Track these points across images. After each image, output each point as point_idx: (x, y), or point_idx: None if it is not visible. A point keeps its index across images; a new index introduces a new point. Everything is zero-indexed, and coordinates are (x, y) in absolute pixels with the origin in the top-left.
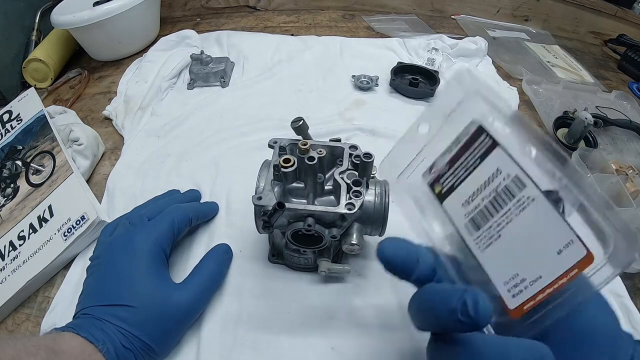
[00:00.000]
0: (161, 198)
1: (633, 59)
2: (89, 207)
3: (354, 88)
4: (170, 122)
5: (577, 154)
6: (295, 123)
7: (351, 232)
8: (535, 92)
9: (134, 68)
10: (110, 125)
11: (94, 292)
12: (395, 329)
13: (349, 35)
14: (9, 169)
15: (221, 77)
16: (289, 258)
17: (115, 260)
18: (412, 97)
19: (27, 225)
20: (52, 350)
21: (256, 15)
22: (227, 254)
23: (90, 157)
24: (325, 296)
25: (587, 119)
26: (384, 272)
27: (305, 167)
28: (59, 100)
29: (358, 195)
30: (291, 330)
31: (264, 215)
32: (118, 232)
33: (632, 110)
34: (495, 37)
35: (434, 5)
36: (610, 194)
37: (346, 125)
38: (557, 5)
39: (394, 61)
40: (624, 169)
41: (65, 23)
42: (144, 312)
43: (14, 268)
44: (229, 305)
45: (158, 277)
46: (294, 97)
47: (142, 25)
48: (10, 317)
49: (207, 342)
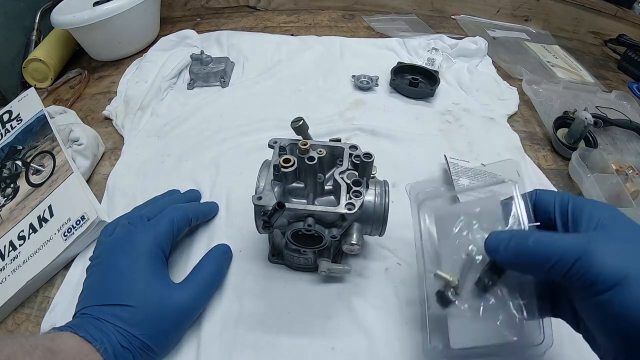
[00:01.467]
0: (161, 198)
1: (633, 59)
2: (89, 207)
3: (354, 88)
4: (170, 122)
5: (577, 154)
6: (295, 123)
7: (351, 232)
8: (535, 92)
9: (134, 68)
10: (110, 125)
11: (93, 292)
12: (395, 329)
13: (349, 35)
14: (9, 169)
15: (221, 77)
16: (289, 258)
17: (114, 260)
18: (412, 97)
19: (27, 225)
20: (50, 349)
21: (256, 15)
22: (227, 254)
23: (90, 157)
24: (325, 296)
25: (587, 119)
26: (384, 272)
27: (305, 167)
28: (59, 100)
29: (358, 195)
30: (291, 330)
31: (264, 215)
32: (118, 232)
33: (632, 110)
34: (495, 37)
35: (434, 5)
36: (610, 194)
37: (346, 125)
38: (557, 5)
39: (394, 61)
40: (624, 169)
41: (65, 23)
42: (143, 312)
43: (14, 268)
44: (229, 305)
45: (157, 277)
46: (294, 97)
47: (142, 25)
48: (10, 317)
49: (207, 342)
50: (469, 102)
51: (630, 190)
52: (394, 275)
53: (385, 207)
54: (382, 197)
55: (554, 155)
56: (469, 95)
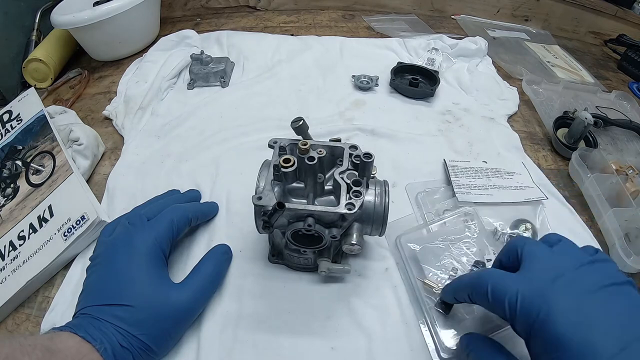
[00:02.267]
0: (161, 198)
1: (633, 59)
2: (89, 207)
3: (354, 88)
4: (170, 122)
5: (577, 154)
6: (295, 123)
7: (351, 232)
8: (535, 92)
9: (134, 68)
10: (110, 125)
11: (93, 292)
12: (395, 329)
13: (349, 35)
14: (9, 169)
15: (221, 77)
16: (289, 258)
17: (114, 260)
18: (412, 97)
19: (27, 225)
20: (48, 349)
21: (256, 15)
22: (227, 254)
23: (90, 157)
24: (325, 296)
25: (587, 119)
26: (384, 272)
27: (305, 167)
28: (59, 100)
29: (358, 195)
30: (291, 330)
31: (264, 215)
32: (117, 232)
33: (632, 110)
34: (495, 37)
35: (434, 5)
36: (610, 194)
37: (346, 125)
38: (557, 5)
39: (394, 61)
40: (624, 169)
41: (65, 23)
42: (143, 312)
43: (14, 268)
44: (229, 305)
45: (157, 277)
46: (294, 97)
47: (142, 25)
48: (10, 317)
49: (207, 342)
50: (469, 102)
51: (630, 190)
52: (394, 275)
53: (385, 207)
54: (382, 197)
55: (554, 155)
56: (469, 95)
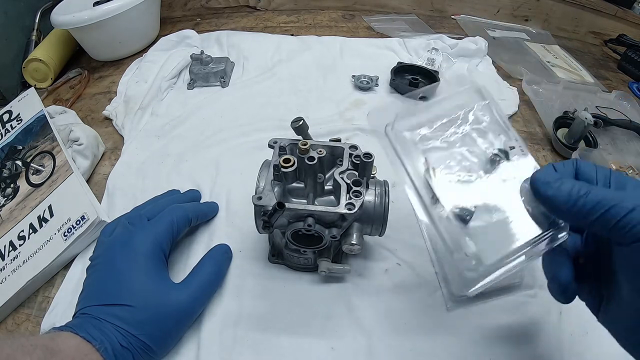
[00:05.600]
0: (161, 198)
1: (633, 59)
2: (89, 207)
3: (354, 88)
4: (170, 122)
5: (577, 154)
6: (295, 123)
7: (351, 232)
8: (535, 92)
9: (134, 68)
10: (110, 125)
11: (93, 292)
12: (395, 329)
13: (349, 35)
14: (9, 169)
15: (221, 77)
16: (289, 258)
17: (114, 260)
18: (412, 97)
19: (27, 225)
20: (49, 349)
21: (256, 15)
22: (227, 254)
23: (90, 157)
24: (325, 296)
25: (587, 119)
26: (384, 272)
27: (305, 167)
28: (59, 100)
29: (358, 195)
30: (291, 330)
31: (264, 215)
32: (117, 232)
33: (632, 110)
34: (495, 37)
35: (434, 5)
36: None
37: (346, 125)
38: (557, 5)
39: (394, 61)
40: (624, 169)
41: (65, 23)
42: (143, 312)
43: (14, 268)
44: (229, 305)
45: (157, 277)
46: (294, 97)
47: (142, 25)
48: (10, 317)
49: (207, 342)
50: None
51: None
52: (394, 276)
53: (385, 207)
54: (382, 197)
55: (554, 155)
56: None
